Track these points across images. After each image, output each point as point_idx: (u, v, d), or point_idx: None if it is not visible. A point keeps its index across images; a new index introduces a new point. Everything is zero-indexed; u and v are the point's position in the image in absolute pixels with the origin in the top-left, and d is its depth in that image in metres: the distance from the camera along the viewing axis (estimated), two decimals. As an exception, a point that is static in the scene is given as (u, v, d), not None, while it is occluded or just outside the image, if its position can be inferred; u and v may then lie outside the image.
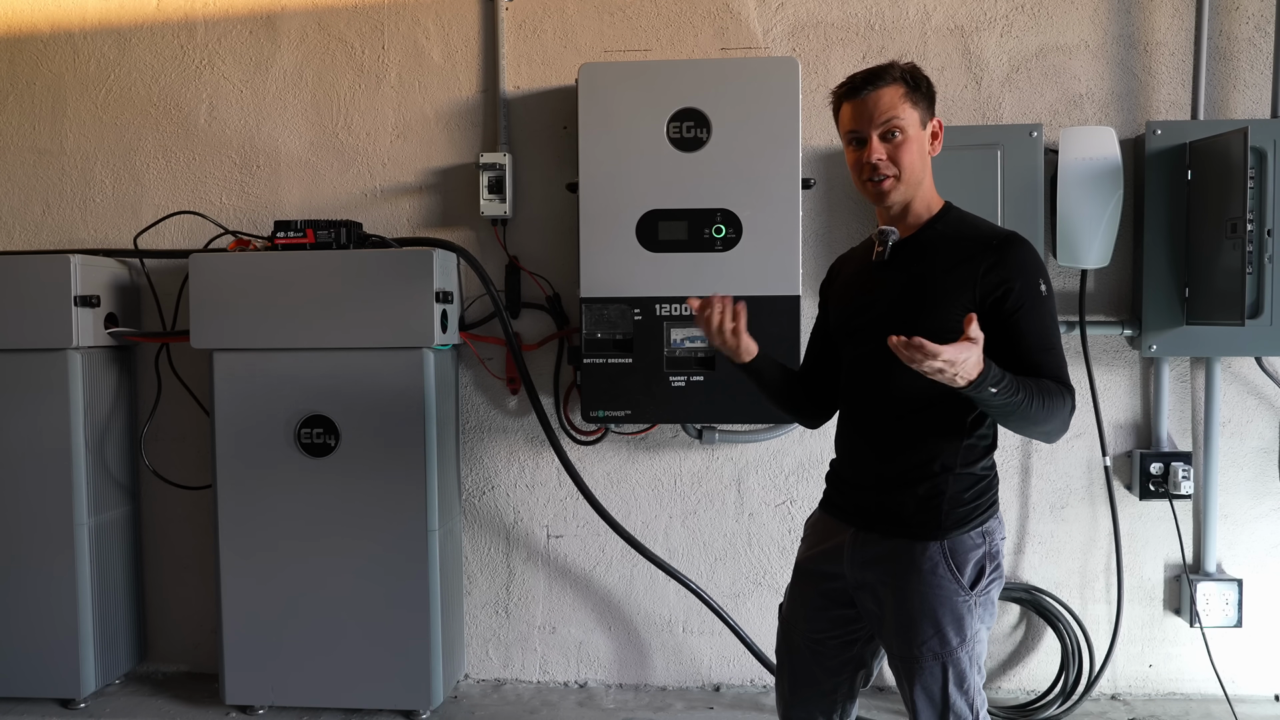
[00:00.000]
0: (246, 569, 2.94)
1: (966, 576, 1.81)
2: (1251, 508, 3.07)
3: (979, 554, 1.82)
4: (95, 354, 3.07)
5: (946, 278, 1.80)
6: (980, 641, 1.85)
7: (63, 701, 3.06)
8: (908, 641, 1.84)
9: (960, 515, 1.82)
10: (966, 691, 1.83)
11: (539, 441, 3.15)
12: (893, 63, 1.85)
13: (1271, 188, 2.79)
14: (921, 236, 1.87)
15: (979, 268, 1.77)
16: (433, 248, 2.92)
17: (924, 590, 1.81)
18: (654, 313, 2.84)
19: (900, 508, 1.85)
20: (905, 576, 1.83)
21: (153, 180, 3.28)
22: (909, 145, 1.83)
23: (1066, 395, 1.73)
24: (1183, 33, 2.99)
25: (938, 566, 1.81)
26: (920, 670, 1.83)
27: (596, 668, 3.24)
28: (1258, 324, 2.82)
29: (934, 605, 1.80)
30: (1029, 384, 1.69)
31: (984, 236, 1.81)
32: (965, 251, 1.80)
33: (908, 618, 1.83)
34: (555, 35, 3.13)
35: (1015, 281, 1.75)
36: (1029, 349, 1.75)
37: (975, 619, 1.82)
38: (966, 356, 1.57)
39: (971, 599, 1.81)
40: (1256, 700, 3.05)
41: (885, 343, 1.68)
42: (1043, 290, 1.76)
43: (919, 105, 1.84)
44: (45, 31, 3.29)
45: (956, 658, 1.81)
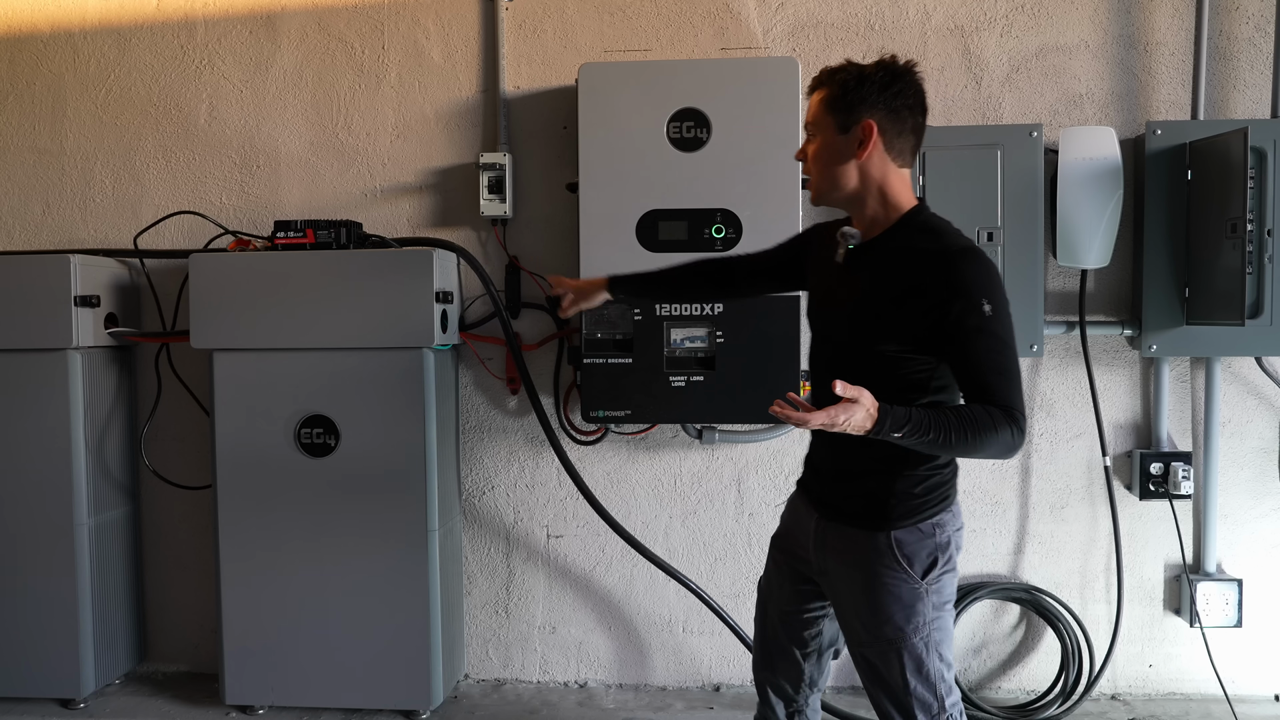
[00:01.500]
0: (246, 569, 2.94)
1: (917, 567, 1.85)
2: (1251, 508, 3.07)
3: (929, 545, 1.86)
4: (95, 354, 3.07)
5: (894, 293, 1.80)
6: (939, 629, 1.88)
7: (63, 701, 3.06)
8: (863, 629, 1.91)
9: (909, 508, 1.86)
10: (927, 678, 1.87)
11: (539, 441, 3.15)
12: (838, 65, 1.87)
13: (1271, 188, 2.79)
14: (879, 243, 1.88)
15: (922, 288, 1.76)
16: (433, 248, 2.92)
17: (874, 580, 1.87)
18: (654, 313, 2.84)
19: (852, 500, 1.91)
20: (858, 566, 1.90)
21: (153, 180, 3.28)
22: (816, 149, 1.87)
23: (1002, 424, 1.69)
24: (1183, 33, 2.99)
25: (885, 556, 1.86)
26: (877, 658, 1.90)
27: (596, 668, 3.24)
28: (1258, 324, 2.82)
29: (883, 594, 1.86)
30: (946, 420, 1.68)
31: (933, 254, 1.78)
32: (912, 270, 1.79)
33: (861, 607, 1.90)
34: (555, 35, 3.13)
35: (956, 302, 1.72)
36: (972, 372, 1.74)
37: (928, 606, 1.86)
38: (849, 417, 1.61)
39: (922, 587, 1.85)
40: (1256, 700, 3.05)
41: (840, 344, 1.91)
42: (987, 310, 1.71)
43: (837, 110, 1.83)
44: (45, 31, 3.29)
45: (911, 644, 1.86)
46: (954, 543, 1.90)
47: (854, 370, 1.76)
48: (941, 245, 1.80)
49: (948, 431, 1.68)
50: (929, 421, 1.67)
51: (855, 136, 1.82)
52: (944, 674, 1.89)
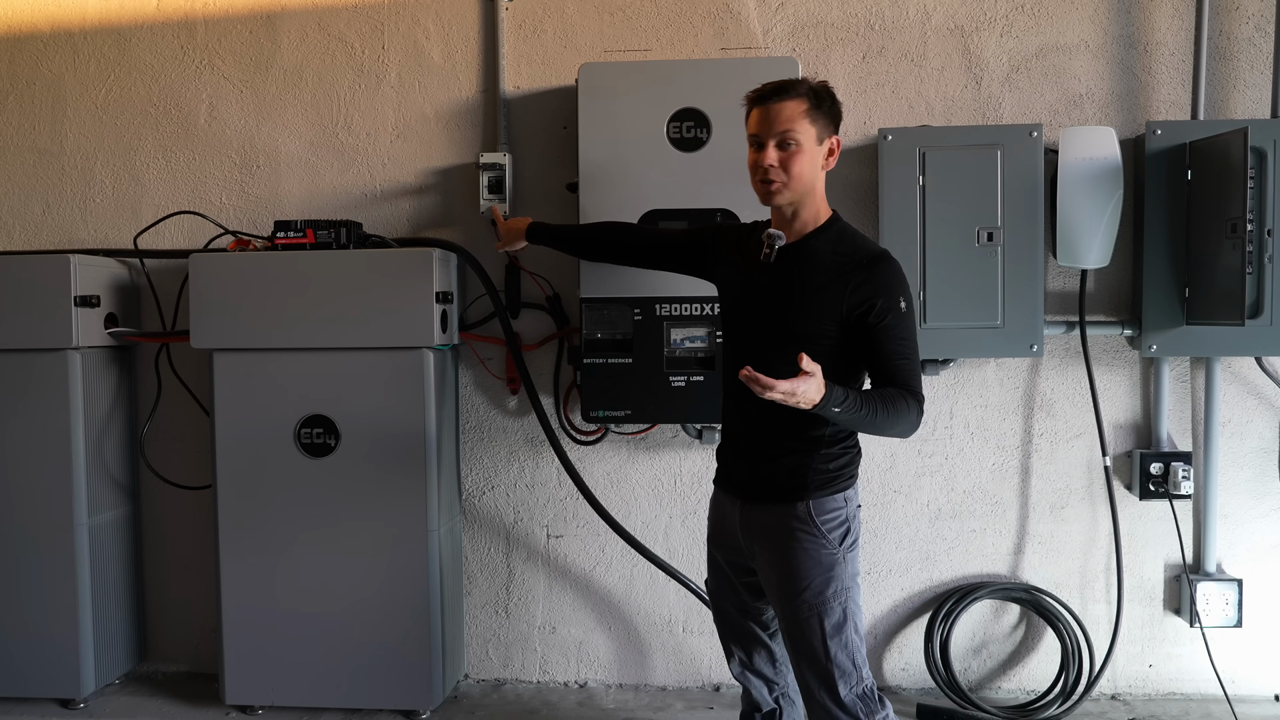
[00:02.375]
0: (246, 569, 2.94)
1: (834, 534, 2.07)
2: (1251, 508, 3.07)
3: (841, 514, 2.09)
4: (95, 354, 3.07)
5: (820, 292, 2.03)
6: (854, 601, 2.08)
7: (63, 701, 3.06)
8: (785, 596, 2.08)
9: (823, 480, 2.08)
10: (846, 645, 2.05)
11: (539, 441, 3.15)
12: (803, 79, 2.07)
13: (1271, 188, 2.78)
14: (803, 245, 2.09)
15: (848, 284, 2.01)
16: (433, 248, 2.92)
17: (794, 545, 2.07)
18: (654, 313, 2.84)
19: (773, 478, 2.11)
20: (779, 535, 2.09)
21: (153, 180, 3.28)
22: (800, 156, 2.03)
23: (912, 403, 1.97)
24: (1183, 33, 2.99)
25: (805, 523, 2.07)
26: (799, 623, 2.06)
27: (596, 668, 3.24)
28: (1258, 324, 2.82)
29: (803, 558, 2.06)
30: (873, 397, 1.95)
31: (857, 254, 2.05)
32: (838, 267, 2.03)
33: (784, 574, 2.08)
34: (555, 35, 3.13)
35: (879, 298, 1.99)
36: (887, 357, 2.00)
37: (846, 574, 2.07)
38: (806, 388, 1.81)
39: (838, 553, 2.07)
40: (1256, 700, 3.05)
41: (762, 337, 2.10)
42: (903, 306, 2.01)
43: (818, 122, 2.05)
44: (45, 31, 3.29)
45: (830, 608, 2.04)
46: (857, 518, 2.13)
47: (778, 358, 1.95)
48: (863, 248, 2.07)
49: (874, 409, 1.93)
50: (861, 399, 1.91)
51: (826, 148, 2.08)
52: (859, 647, 2.07)
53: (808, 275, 2.06)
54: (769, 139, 2.04)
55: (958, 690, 3.02)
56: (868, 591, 3.15)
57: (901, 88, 3.06)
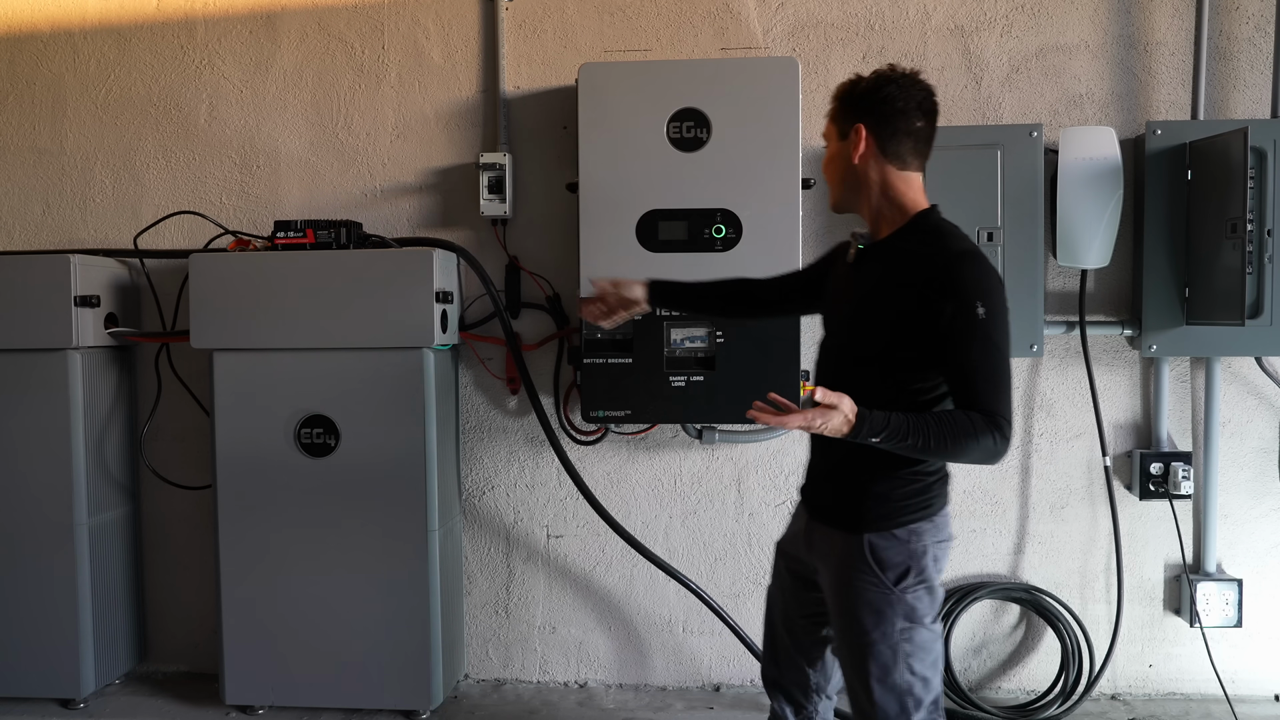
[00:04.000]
0: (246, 569, 2.94)
1: (889, 573, 1.84)
2: (1251, 508, 3.07)
3: (903, 552, 1.84)
4: (95, 354, 3.06)
5: (889, 297, 1.83)
6: (911, 642, 1.84)
7: (63, 701, 3.06)
8: (836, 629, 1.95)
9: (884, 513, 1.85)
10: (893, 688, 1.85)
11: (539, 441, 3.15)
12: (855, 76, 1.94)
13: (1271, 188, 2.78)
14: (882, 247, 1.92)
15: (917, 290, 1.77)
16: (433, 248, 2.92)
17: (845, 581, 1.89)
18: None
19: (833, 499, 1.95)
20: (835, 567, 1.92)
21: (153, 180, 3.28)
22: (827, 160, 1.99)
23: (984, 430, 1.69)
24: (1183, 33, 2.99)
25: (856, 559, 1.86)
26: (846, 659, 1.93)
27: (596, 668, 3.24)
28: (1258, 324, 2.82)
29: (852, 597, 1.87)
30: (927, 424, 1.70)
31: (931, 256, 1.80)
32: (910, 272, 1.81)
33: (835, 607, 1.93)
34: (555, 35, 3.13)
35: (948, 304, 1.73)
36: (960, 375, 1.75)
37: (897, 615, 1.83)
38: (823, 421, 1.65)
39: (894, 594, 1.83)
40: (1256, 700, 3.05)
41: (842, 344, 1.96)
42: (980, 313, 1.71)
43: (838, 119, 1.94)
44: (45, 31, 3.29)
45: (877, 650, 1.84)
46: (931, 554, 1.86)
47: (851, 370, 1.85)
48: (941, 247, 1.82)
49: (926, 436, 1.69)
50: (908, 426, 1.69)
51: (851, 141, 1.91)
52: (914, 688, 1.85)
53: (879, 279, 1.86)
54: None
55: (958, 690, 3.02)
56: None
57: (901, 88, 3.05)
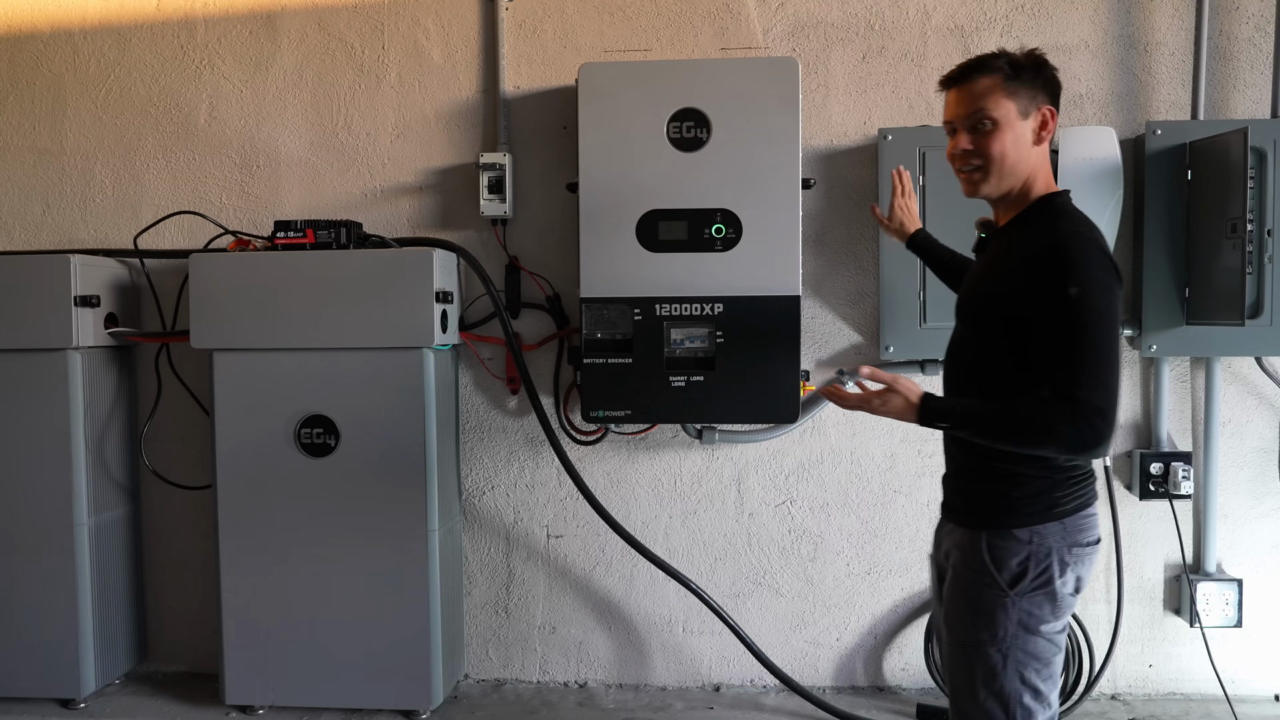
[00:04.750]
0: (246, 569, 2.94)
1: (1004, 575, 1.76)
2: (1251, 508, 3.07)
3: (1022, 553, 1.75)
4: (95, 354, 3.06)
5: (1007, 276, 1.76)
6: (1024, 650, 1.76)
7: (63, 701, 3.06)
8: (946, 629, 1.88)
9: (1004, 511, 1.77)
10: (999, 695, 1.77)
11: (539, 441, 3.15)
12: (999, 51, 1.81)
13: (1271, 188, 2.78)
14: (1009, 228, 1.84)
15: (1020, 271, 1.72)
16: (433, 248, 2.92)
17: (958, 577, 1.83)
18: (654, 313, 2.84)
19: (961, 497, 1.89)
20: (955, 565, 1.86)
21: (153, 180, 3.28)
22: (999, 136, 1.77)
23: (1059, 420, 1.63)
24: (1183, 33, 2.99)
25: (973, 558, 1.80)
26: (951, 657, 1.87)
27: (596, 668, 3.24)
28: (1258, 324, 2.82)
29: (965, 596, 1.81)
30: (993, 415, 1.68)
31: (1038, 236, 1.74)
32: (1018, 253, 1.76)
33: (946, 606, 1.87)
34: (555, 35, 3.13)
35: (1042, 284, 1.68)
36: (1044, 357, 1.67)
37: (1011, 620, 1.75)
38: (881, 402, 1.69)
39: (1009, 599, 1.75)
40: (1256, 700, 3.05)
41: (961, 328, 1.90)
42: (1073, 294, 1.64)
43: (1018, 95, 1.77)
44: (45, 31, 3.29)
45: (985, 654, 1.77)
46: (1056, 557, 1.75)
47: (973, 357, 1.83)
48: (1050, 227, 1.75)
49: (992, 427, 1.67)
50: (973, 416, 1.67)
51: (1036, 121, 1.80)
52: (1022, 697, 1.76)
53: (1001, 261, 1.81)
54: (961, 122, 1.82)
55: (958, 690, 3.02)
56: (868, 592, 3.15)
57: (901, 88, 3.06)
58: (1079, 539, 1.77)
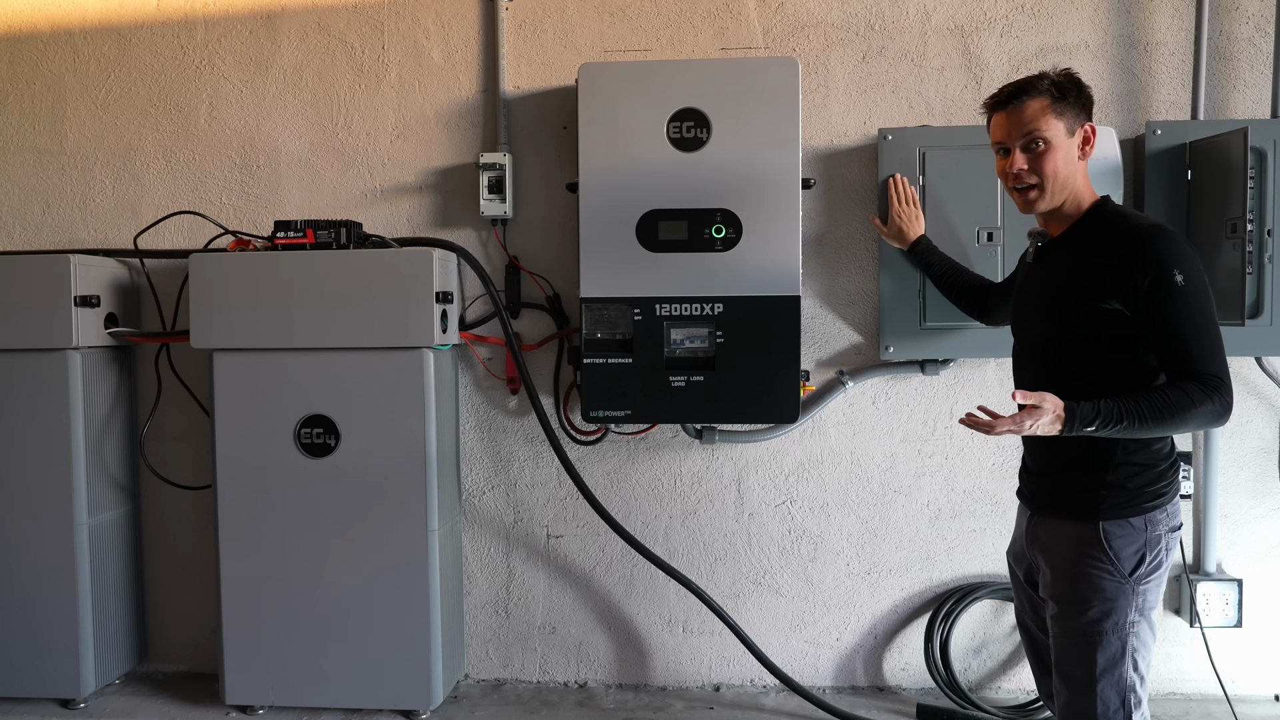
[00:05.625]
0: (246, 569, 2.94)
1: (1124, 562, 1.85)
2: (1251, 508, 3.07)
3: (1139, 540, 1.86)
4: (95, 354, 3.06)
5: (1088, 278, 1.85)
6: (1139, 638, 1.86)
7: (63, 701, 3.06)
8: (1061, 618, 1.91)
9: (1119, 500, 1.87)
10: (1119, 682, 1.85)
11: (539, 441, 3.15)
12: (1043, 74, 1.92)
13: (1271, 188, 2.78)
14: (1070, 235, 1.95)
15: (1110, 267, 1.82)
16: (433, 248, 2.92)
17: (1078, 569, 1.88)
18: (654, 313, 2.84)
19: (1062, 491, 1.94)
20: (1063, 555, 1.91)
21: (153, 180, 3.28)
22: (1051, 155, 1.89)
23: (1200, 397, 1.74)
24: (1183, 33, 2.99)
25: (1093, 547, 1.87)
26: (1069, 650, 1.89)
27: (596, 668, 3.24)
28: (1258, 324, 2.82)
29: (1085, 584, 1.87)
30: (1137, 406, 1.74)
31: (1119, 234, 1.85)
32: (1100, 251, 1.85)
33: (1063, 596, 1.91)
34: (555, 35, 3.13)
35: (1146, 276, 1.78)
36: (1167, 339, 1.78)
37: (1131, 606, 1.85)
38: (1033, 422, 1.71)
39: (1129, 585, 1.85)
40: (1256, 700, 3.05)
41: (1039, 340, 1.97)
42: (1179, 280, 1.76)
43: (1065, 115, 1.90)
44: (45, 31, 3.29)
45: (1107, 641, 1.85)
46: (1165, 542, 1.88)
47: (1054, 364, 1.88)
48: (1129, 225, 1.86)
49: (1140, 415, 1.74)
50: (1119, 411, 1.74)
51: (1080, 138, 1.92)
52: (1136, 686, 1.87)
53: (1068, 268, 1.90)
54: (1014, 143, 1.92)
55: (958, 690, 3.02)
56: (868, 592, 3.15)
57: (901, 88, 3.06)
58: (1175, 523, 1.92)
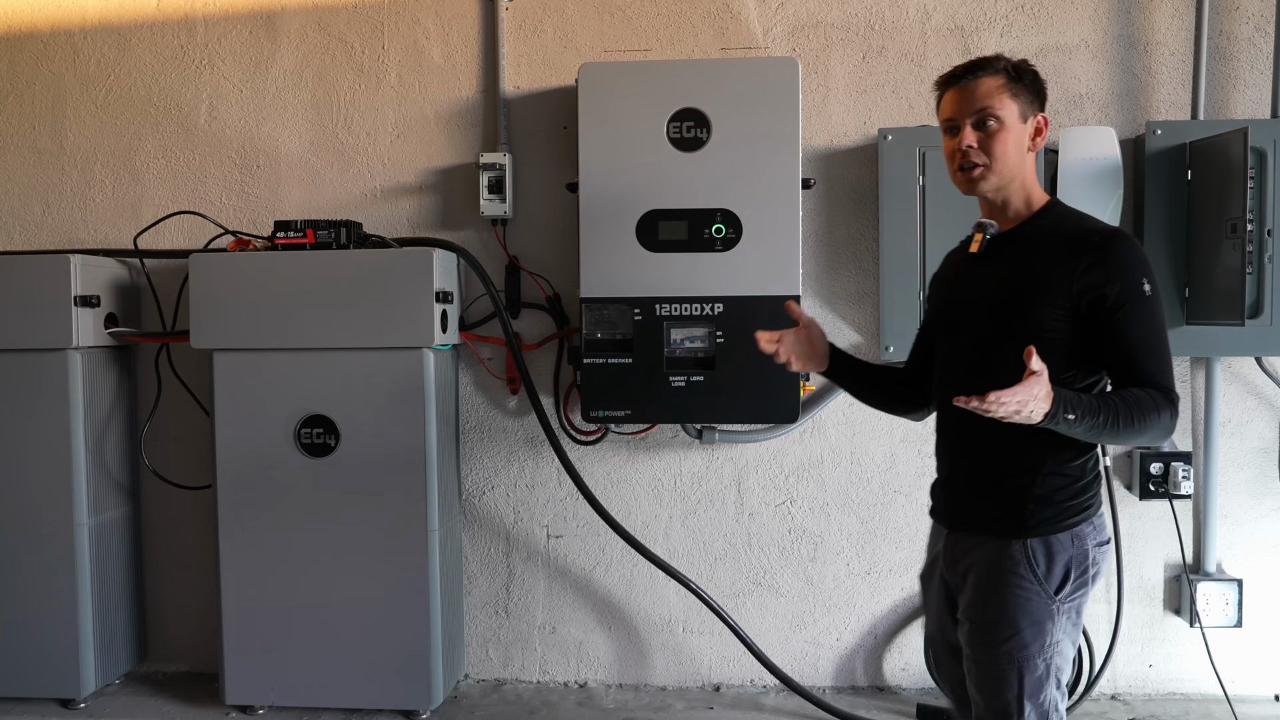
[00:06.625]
0: (246, 569, 2.93)
1: (1052, 580, 1.76)
2: (1251, 508, 3.07)
3: (1065, 557, 1.77)
4: (95, 354, 3.06)
5: (1043, 276, 1.76)
6: (1062, 654, 1.79)
7: (63, 701, 3.06)
8: (984, 643, 1.81)
9: (1049, 515, 1.78)
10: (1041, 706, 1.78)
11: (539, 441, 3.15)
12: (999, 55, 1.84)
13: (1271, 188, 2.78)
14: (1021, 232, 1.85)
15: (1077, 266, 1.73)
16: (433, 248, 2.92)
17: (1004, 590, 1.78)
18: (654, 313, 2.84)
19: (987, 506, 1.83)
20: (987, 575, 1.80)
21: (153, 180, 3.28)
22: (1003, 136, 1.79)
23: (1163, 404, 1.68)
24: (1183, 33, 2.99)
25: (1019, 565, 1.77)
26: (994, 674, 1.79)
27: (596, 668, 3.24)
28: (1258, 324, 2.82)
29: (1013, 606, 1.77)
30: (1112, 402, 1.66)
31: (1085, 233, 1.77)
32: (1064, 249, 1.76)
33: (985, 618, 1.80)
34: (555, 35, 3.13)
35: (1115, 282, 1.71)
36: (1128, 351, 1.71)
37: (1057, 627, 1.77)
38: (1036, 392, 1.56)
39: (1055, 604, 1.77)
40: (1256, 700, 3.05)
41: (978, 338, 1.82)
42: (1146, 290, 1.71)
43: (1019, 98, 1.81)
44: (45, 31, 3.29)
45: (1033, 664, 1.77)
46: (1093, 558, 1.79)
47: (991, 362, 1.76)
48: (1093, 228, 1.79)
49: (1114, 414, 1.64)
50: (1097, 404, 1.64)
51: (1032, 127, 1.83)
52: (1058, 704, 1.81)
53: (1028, 262, 1.79)
54: (965, 119, 1.81)
55: (958, 690, 3.02)
56: (868, 592, 3.15)
57: (901, 88, 3.06)
58: (1101, 537, 1.82)
